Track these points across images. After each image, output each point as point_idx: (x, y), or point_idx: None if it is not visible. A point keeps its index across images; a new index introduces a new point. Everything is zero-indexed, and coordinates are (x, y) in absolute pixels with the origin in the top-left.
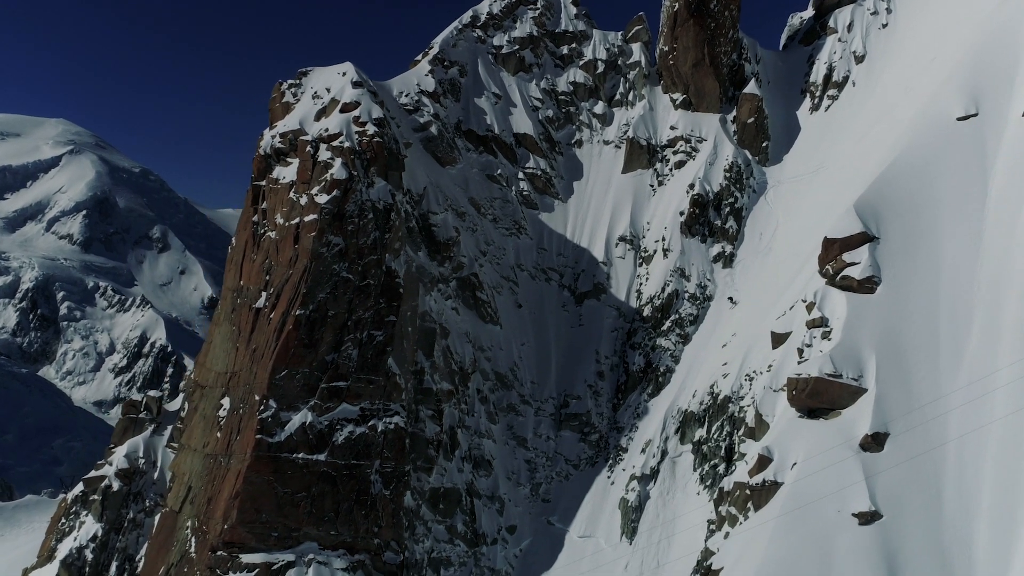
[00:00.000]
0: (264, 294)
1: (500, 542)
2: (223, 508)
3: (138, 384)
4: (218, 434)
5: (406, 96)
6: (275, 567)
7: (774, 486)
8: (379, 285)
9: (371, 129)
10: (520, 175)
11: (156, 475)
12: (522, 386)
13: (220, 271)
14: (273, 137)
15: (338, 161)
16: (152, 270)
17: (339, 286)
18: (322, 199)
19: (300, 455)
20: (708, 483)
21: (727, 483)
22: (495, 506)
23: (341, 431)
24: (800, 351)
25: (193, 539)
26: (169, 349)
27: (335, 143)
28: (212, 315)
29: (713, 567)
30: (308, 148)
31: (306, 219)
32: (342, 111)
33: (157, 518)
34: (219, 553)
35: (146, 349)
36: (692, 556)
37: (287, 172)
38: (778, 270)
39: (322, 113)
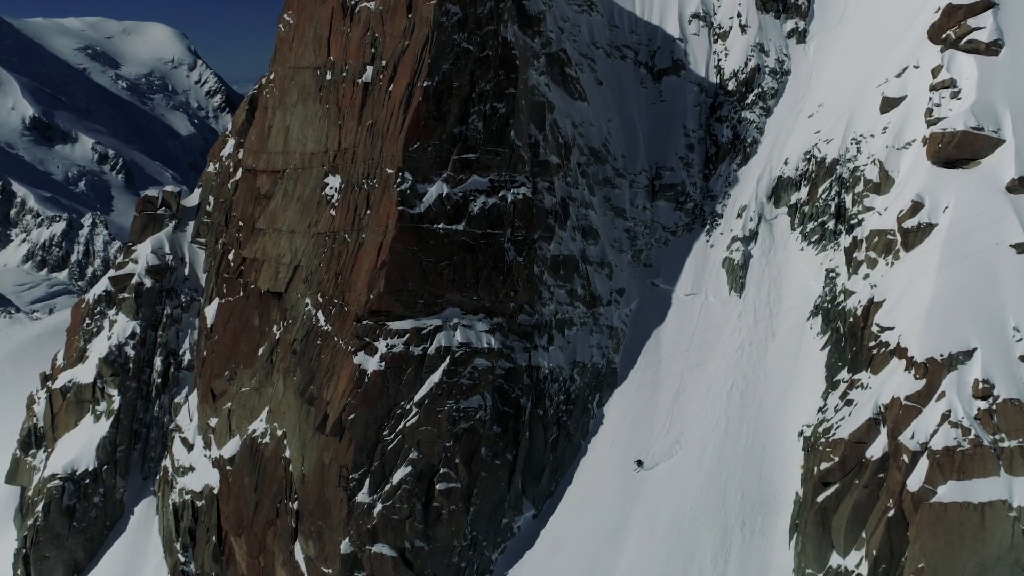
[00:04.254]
0: (370, 68)
1: (613, 303)
2: (366, 280)
3: None
4: (332, 212)
5: None
6: (424, 332)
7: (929, 227)
8: (497, 57)
9: None
10: None
11: (187, 271)
12: (615, 160)
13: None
14: None
15: None
16: None
17: (460, 57)
18: None
19: (440, 225)
20: (815, 239)
21: (860, 232)
22: (604, 271)
23: (475, 202)
24: (929, 111)
25: (320, 313)
26: None
27: None
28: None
29: (875, 299)
30: None
31: None
32: None
33: (215, 307)
34: (365, 323)
35: None
36: (805, 304)
37: None
38: (859, 42)
39: None
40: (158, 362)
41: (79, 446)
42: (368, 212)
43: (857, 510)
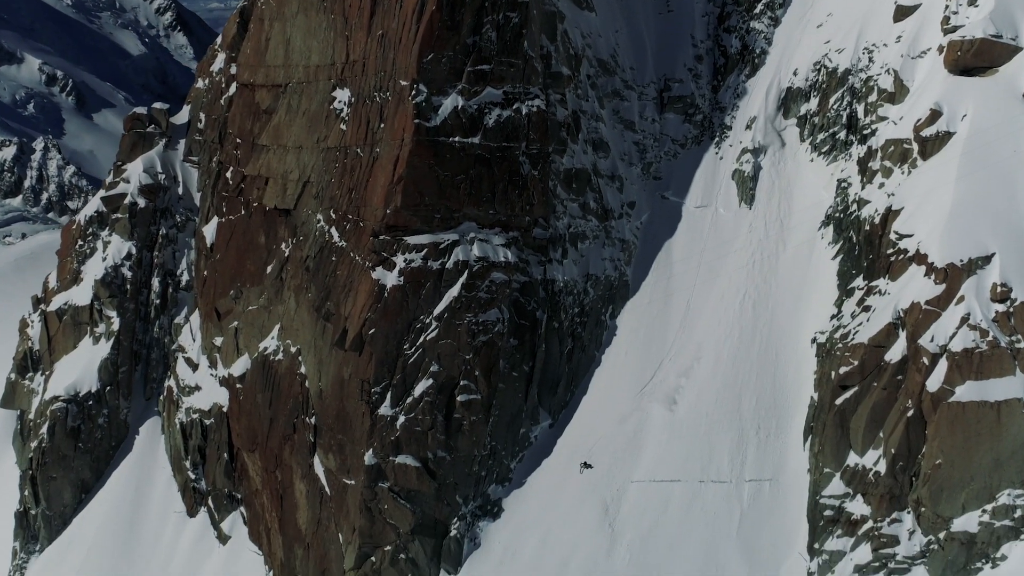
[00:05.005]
0: None
1: (624, 216)
2: (382, 195)
3: None
4: (342, 127)
5: None
6: (442, 246)
7: (947, 135)
8: None
9: None
10: None
11: (180, 190)
12: (623, 72)
13: None
14: None
15: None
16: None
17: None
18: None
19: (456, 139)
20: (825, 150)
21: (875, 142)
22: (615, 184)
23: (489, 114)
24: (946, 19)
25: (334, 229)
26: None
27: None
28: None
29: (893, 208)
30: None
31: None
32: None
33: (214, 226)
34: (382, 238)
35: None
36: (816, 215)
37: None
38: None
39: None
40: (156, 283)
41: (80, 368)
42: (382, 126)
43: (875, 411)
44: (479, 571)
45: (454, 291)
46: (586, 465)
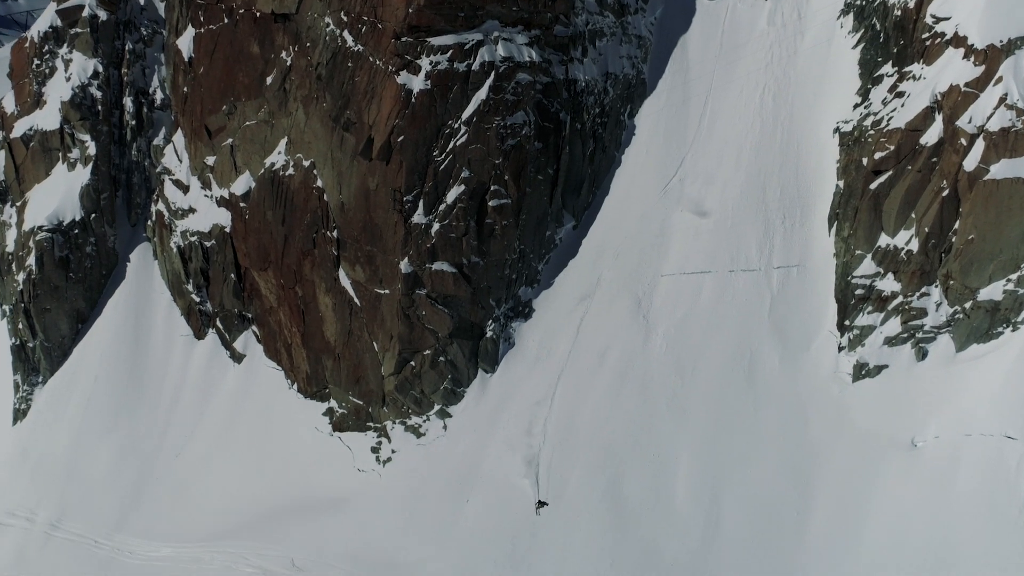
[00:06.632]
0: None
1: (639, 11)
2: None
3: None
4: None
5: None
6: (466, 47)
7: None
8: None
9: None
10: None
11: (143, 0)
12: None
13: None
14: None
15: None
16: None
17: None
18: None
19: None
20: None
21: None
22: None
23: None
24: None
25: (347, 34)
26: None
27: None
28: None
29: None
30: None
31: None
32: None
33: (190, 38)
34: (405, 40)
35: None
36: (834, 4)
37: None
38: None
39: None
40: (129, 103)
41: (59, 196)
42: None
43: (909, 194)
44: (515, 369)
45: (482, 94)
46: (541, 504)
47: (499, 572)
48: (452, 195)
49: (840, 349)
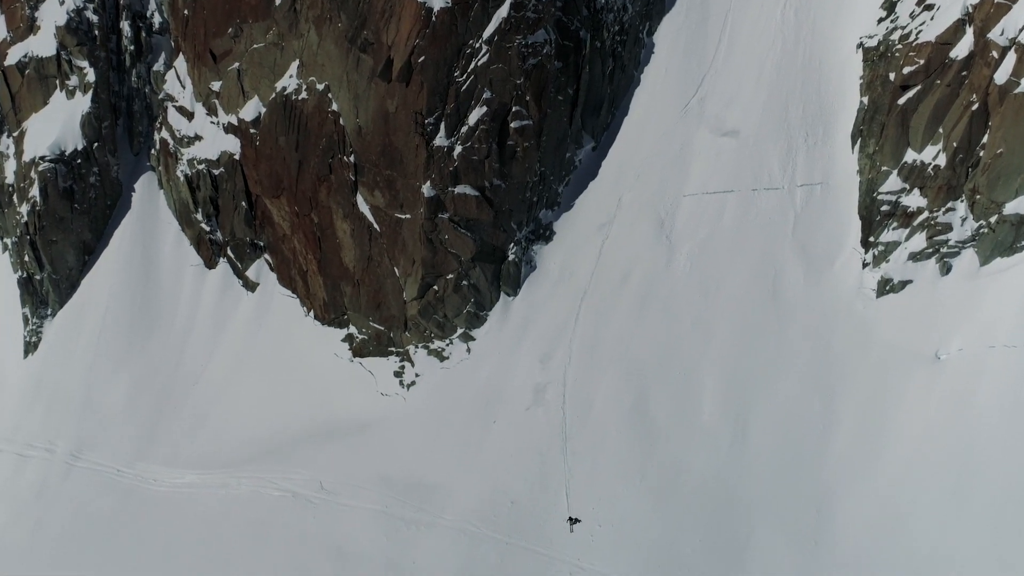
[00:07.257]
0: None
1: None
2: None
3: None
4: None
5: None
6: None
7: None
8: None
9: None
10: None
11: None
12: None
13: None
14: None
15: None
16: None
17: None
18: None
19: None
20: None
21: None
22: None
23: None
24: None
25: None
26: None
27: None
28: None
29: None
30: None
31: None
32: None
33: None
34: None
35: None
36: None
37: None
38: None
39: None
40: (126, 27)
41: (59, 125)
42: None
43: (937, 108)
44: (537, 292)
45: (503, 11)
46: (574, 520)
47: (530, 489)
48: (474, 117)
49: (864, 265)
